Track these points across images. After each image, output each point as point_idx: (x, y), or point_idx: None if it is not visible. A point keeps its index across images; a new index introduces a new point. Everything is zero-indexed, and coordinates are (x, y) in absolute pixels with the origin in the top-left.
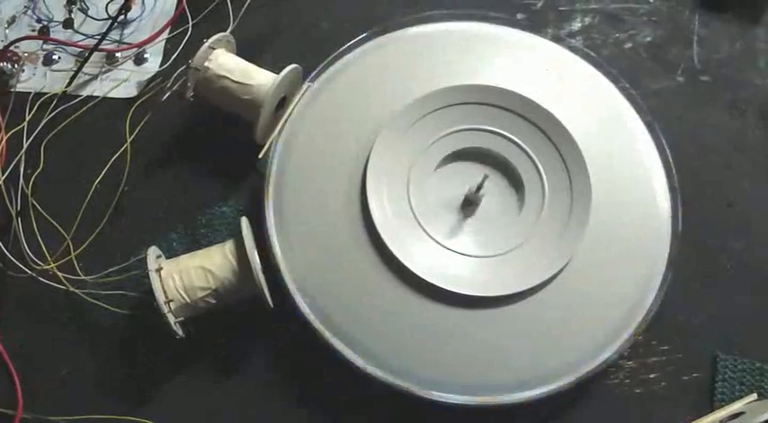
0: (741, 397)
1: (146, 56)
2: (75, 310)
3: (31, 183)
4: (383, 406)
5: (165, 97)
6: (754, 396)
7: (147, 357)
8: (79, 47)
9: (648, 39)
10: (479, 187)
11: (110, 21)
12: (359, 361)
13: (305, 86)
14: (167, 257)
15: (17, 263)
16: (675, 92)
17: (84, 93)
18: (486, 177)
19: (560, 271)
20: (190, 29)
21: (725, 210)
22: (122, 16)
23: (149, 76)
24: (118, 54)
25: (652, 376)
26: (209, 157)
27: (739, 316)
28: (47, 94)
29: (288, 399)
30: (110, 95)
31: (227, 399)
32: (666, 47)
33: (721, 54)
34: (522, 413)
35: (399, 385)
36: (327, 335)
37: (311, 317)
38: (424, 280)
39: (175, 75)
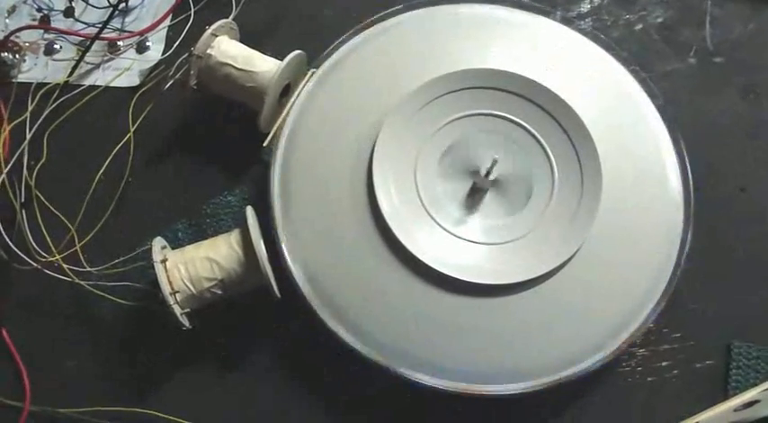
0: (756, 384)
1: (148, 44)
2: (80, 302)
3: (34, 174)
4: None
5: (167, 86)
6: None
7: (153, 350)
8: (80, 36)
9: (660, 20)
10: (488, 173)
11: (111, 9)
12: (365, 351)
13: (309, 73)
14: (173, 248)
15: (22, 255)
16: (687, 74)
17: (87, 82)
18: (494, 162)
19: (570, 258)
20: (192, 16)
21: (738, 195)
22: (123, 4)
23: (152, 64)
24: (120, 42)
25: (664, 364)
26: (214, 146)
27: (752, 302)
28: (49, 84)
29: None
30: (112, 85)
31: (230, 394)
32: (678, 28)
33: (735, 35)
34: (533, 402)
35: (408, 375)
36: (334, 325)
37: (318, 307)
38: (432, 268)
39: (177, 63)
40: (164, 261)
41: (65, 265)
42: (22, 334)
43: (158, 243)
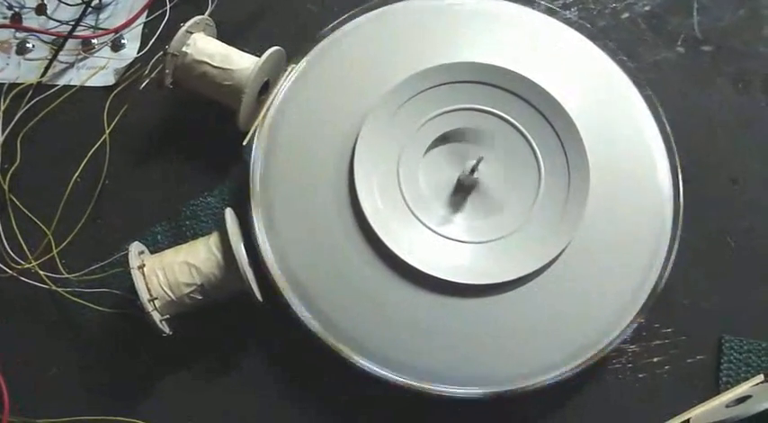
0: (747, 378)
1: (123, 41)
2: (59, 310)
3: (8, 178)
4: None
5: (143, 85)
6: (761, 377)
7: (136, 356)
8: (53, 34)
9: (647, 8)
10: (473, 170)
11: (84, 5)
12: (353, 355)
13: (288, 70)
14: (152, 251)
15: None
16: (676, 64)
17: (61, 82)
18: (479, 160)
19: (559, 255)
20: (168, 12)
21: (729, 187)
22: (97, 0)
23: (127, 62)
24: (94, 40)
25: (656, 360)
26: (192, 146)
27: (744, 296)
28: (21, 84)
29: (287, 399)
30: (87, 84)
31: (222, 398)
32: (666, 16)
33: (724, 22)
34: (524, 402)
35: (397, 379)
36: (319, 329)
37: (301, 311)
38: (416, 268)
39: (153, 61)
40: (141, 267)
41: (41, 272)
42: None
43: (135, 248)
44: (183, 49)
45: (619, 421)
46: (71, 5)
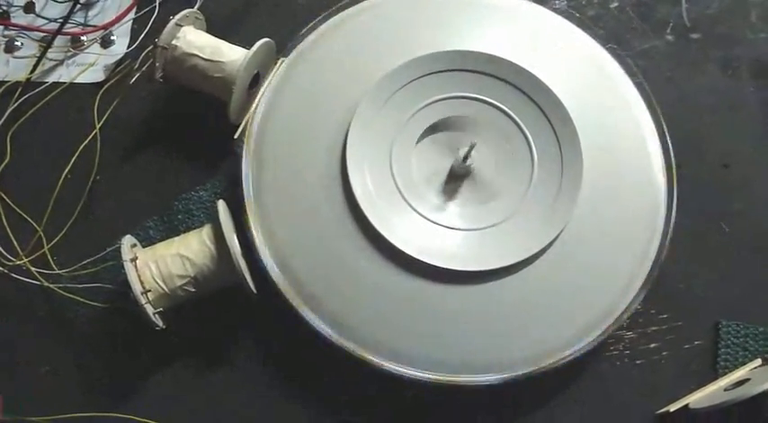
0: (745, 363)
1: (112, 38)
2: (51, 306)
3: None
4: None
5: (133, 80)
6: (759, 361)
7: (128, 352)
8: (42, 31)
9: None
10: (466, 157)
11: (73, 2)
12: (346, 343)
13: (279, 61)
14: (145, 246)
15: None
16: (665, 51)
17: (50, 79)
18: (472, 146)
19: (552, 242)
20: (157, 7)
21: (721, 171)
22: None
23: (117, 58)
24: (83, 37)
25: (653, 346)
26: (183, 139)
27: (740, 280)
28: (10, 82)
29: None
30: (77, 81)
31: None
32: (654, 5)
33: (711, 10)
34: (522, 390)
35: (392, 367)
36: (313, 318)
37: (295, 300)
38: (409, 255)
39: (142, 56)
40: (134, 260)
41: (33, 269)
42: None
43: (128, 241)
44: (173, 42)
45: (617, 408)
46: (60, 2)
